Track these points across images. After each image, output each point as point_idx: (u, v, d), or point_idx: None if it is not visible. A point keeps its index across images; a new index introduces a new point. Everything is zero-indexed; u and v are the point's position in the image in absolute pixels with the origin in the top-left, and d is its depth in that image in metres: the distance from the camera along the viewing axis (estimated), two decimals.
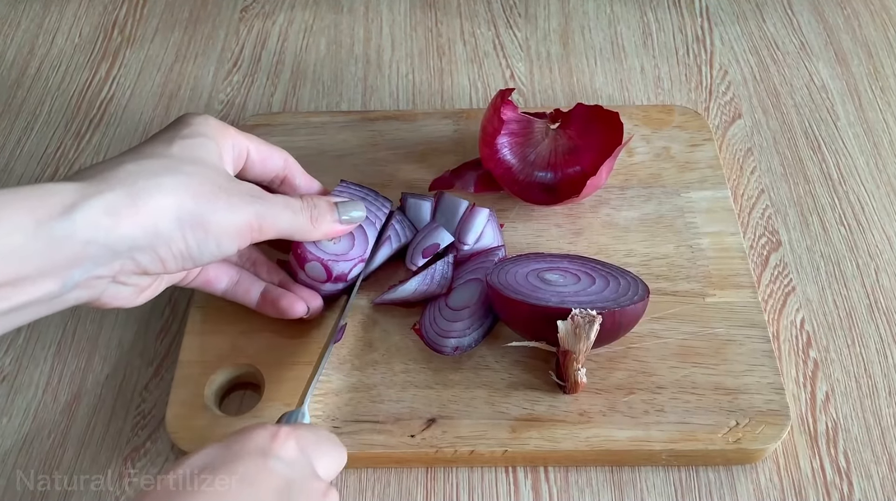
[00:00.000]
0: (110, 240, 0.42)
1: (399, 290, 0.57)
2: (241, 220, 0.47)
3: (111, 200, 0.43)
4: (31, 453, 0.55)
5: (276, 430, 0.42)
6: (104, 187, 0.43)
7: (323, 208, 0.53)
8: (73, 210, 0.41)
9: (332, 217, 0.53)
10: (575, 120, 0.64)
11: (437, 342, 0.55)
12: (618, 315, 0.51)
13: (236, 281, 0.56)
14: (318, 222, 0.52)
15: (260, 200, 0.49)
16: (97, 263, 0.43)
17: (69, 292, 0.43)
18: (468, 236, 0.59)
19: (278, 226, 0.50)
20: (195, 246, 0.46)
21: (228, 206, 0.47)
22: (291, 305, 0.55)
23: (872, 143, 0.71)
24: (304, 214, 0.51)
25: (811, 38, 0.79)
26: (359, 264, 0.57)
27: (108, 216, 0.42)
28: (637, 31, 0.80)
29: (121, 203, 0.43)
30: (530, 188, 0.64)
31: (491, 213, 0.60)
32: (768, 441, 0.52)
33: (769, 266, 0.63)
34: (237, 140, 0.51)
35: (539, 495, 0.53)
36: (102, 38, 0.81)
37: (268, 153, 0.54)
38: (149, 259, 0.45)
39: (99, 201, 0.42)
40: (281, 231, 0.50)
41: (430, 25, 0.82)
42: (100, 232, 0.42)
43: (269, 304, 0.55)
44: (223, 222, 0.46)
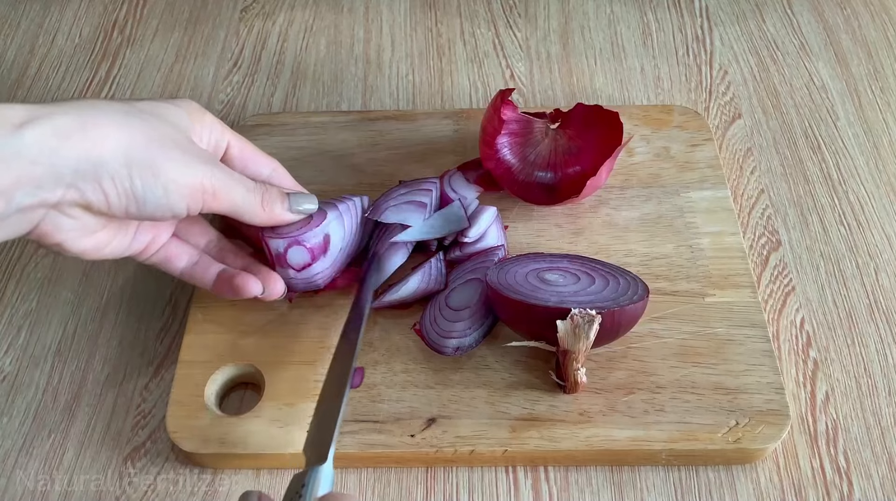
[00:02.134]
0: (55, 162, 0.42)
1: (400, 291, 0.57)
2: (193, 178, 0.47)
3: (61, 122, 0.42)
4: (31, 453, 0.55)
5: None
6: (56, 111, 0.43)
7: (274, 194, 0.53)
8: (21, 128, 0.41)
9: (282, 204, 0.53)
10: (575, 120, 0.64)
11: (437, 342, 0.55)
12: (617, 314, 0.51)
13: (195, 261, 0.55)
14: (268, 205, 0.52)
15: (217, 167, 0.49)
16: (40, 186, 0.42)
17: (10, 215, 0.42)
18: (470, 230, 0.59)
19: (231, 197, 0.49)
20: (140, 187, 0.45)
21: (182, 160, 0.46)
22: (245, 283, 0.54)
23: (872, 143, 0.71)
24: (255, 194, 0.51)
25: (811, 38, 0.79)
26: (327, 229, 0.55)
27: (56, 138, 0.42)
28: (637, 31, 0.80)
29: (70, 126, 0.43)
30: (530, 188, 0.64)
31: (497, 215, 0.60)
32: (768, 440, 0.52)
33: (769, 266, 0.63)
34: (216, 128, 0.51)
35: (539, 495, 0.53)
36: (102, 38, 0.81)
37: (253, 157, 0.54)
38: (91, 189, 0.44)
39: (48, 122, 0.42)
40: (233, 203, 0.50)
41: (430, 25, 0.82)
42: (45, 152, 0.42)
43: (225, 284, 0.54)
44: (174, 173, 0.46)
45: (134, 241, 0.51)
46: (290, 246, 0.55)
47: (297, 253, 0.55)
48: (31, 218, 0.44)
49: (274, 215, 0.53)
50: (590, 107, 0.64)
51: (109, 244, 0.50)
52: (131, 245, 0.51)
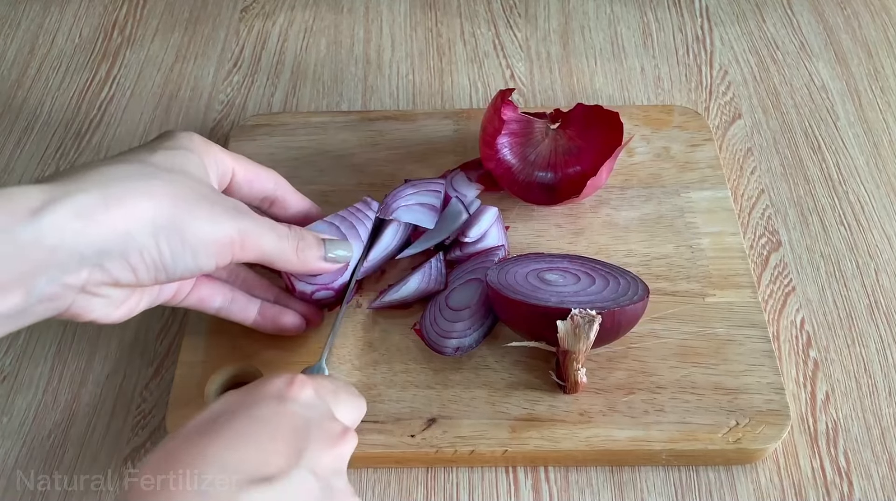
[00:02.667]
0: (79, 244, 0.40)
1: (400, 291, 0.57)
2: (222, 234, 0.45)
3: (82, 202, 0.40)
4: (31, 453, 0.55)
5: (293, 377, 0.43)
6: (74, 188, 0.40)
7: (310, 241, 0.51)
8: (39, 213, 0.39)
9: (317, 252, 0.52)
10: (575, 120, 0.64)
11: (438, 343, 0.55)
12: (617, 314, 0.51)
13: (230, 299, 0.54)
14: (303, 253, 0.51)
15: (245, 216, 0.47)
16: (64, 270, 0.40)
17: (35, 305, 0.40)
18: (472, 230, 0.59)
19: (262, 246, 0.48)
20: (169, 256, 0.43)
21: (210, 217, 0.45)
22: (293, 321, 0.55)
23: (872, 143, 0.71)
24: (290, 241, 0.50)
25: (811, 38, 0.79)
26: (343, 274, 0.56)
27: (78, 219, 0.40)
28: (637, 31, 0.80)
29: (93, 205, 0.40)
30: (530, 188, 0.64)
31: (499, 215, 0.60)
32: (768, 441, 0.52)
33: (769, 266, 0.63)
34: (221, 158, 0.50)
35: (539, 495, 0.53)
36: (102, 38, 0.81)
37: (255, 174, 0.52)
38: (119, 267, 0.42)
39: (69, 203, 0.40)
40: (263, 253, 0.48)
41: (430, 25, 0.82)
42: (67, 235, 0.40)
43: (269, 321, 0.55)
44: (201, 233, 0.44)
45: (161, 293, 0.50)
46: (319, 291, 0.56)
47: (324, 294, 0.56)
48: (58, 305, 0.42)
49: (308, 263, 0.51)
50: (590, 107, 0.64)
51: (139, 305, 0.48)
52: (158, 297, 0.50)
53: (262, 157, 0.66)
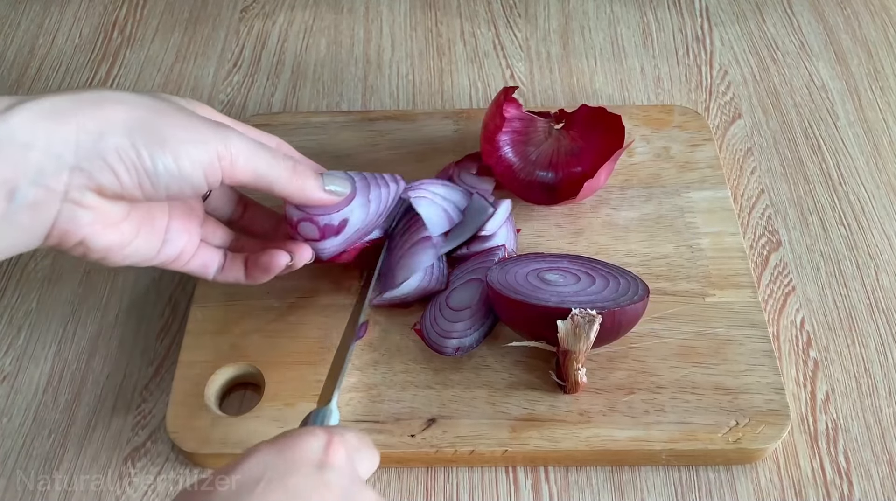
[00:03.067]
0: (52, 143, 0.39)
1: (400, 289, 0.57)
2: (205, 145, 0.44)
3: (52, 102, 0.40)
4: (31, 453, 0.55)
5: (329, 438, 0.41)
6: (46, 96, 0.41)
7: (305, 167, 0.50)
8: (8, 112, 0.39)
9: (316, 181, 0.50)
10: (578, 121, 0.65)
11: (438, 343, 0.55)
12: (618, 314, 0.51)
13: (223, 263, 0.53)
14: (300, 178, 0.49)
15: (231, 131, 0.45)
16: (42, 172, 0.40)
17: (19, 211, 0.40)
18: (489, 224, 0.59)
19: (255, 164, 0.46)
20: (148, 158, 0.42)
21: (189, 125, 0.43)
22: (273, 258, 0.52)
23: (872, 143, 0.71)
24: (285, 163, 0.48)
25: (811, 38, 0.79)
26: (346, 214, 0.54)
27: (48, 119, 0.40)
28: (637, 31, 0.80)
29: (63, 106, 0.40)
30: (531, 187, 0.64)
31: (511, 215, 0.61)
32: (768, 440, 0.52)
33: (769, 266, 0.63)
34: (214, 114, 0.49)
35: (539, 495, 0.53)
36: (102, 38, 0.81)
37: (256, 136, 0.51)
38: (98, 168, 0.41)
39: (38, 104, 0.40)
40: (258, 174, 0.46)
41: (430, 25, 0.82)
42: (39, 134, 0.39)
43: (255, 267, 0.53)
44: (182, 139, 0.43)
45: (166, 245, 0.49)
46: (303, 219, 0.53)
47: (308, 227, 0.53)
48: (44, 216, 0.41)
49: (306, 189, 0.49)
50: (593, 108, 0.64)
51: (135, 240, 0.46)
52: (163, 249, 0.49)
53: None
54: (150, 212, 0.48)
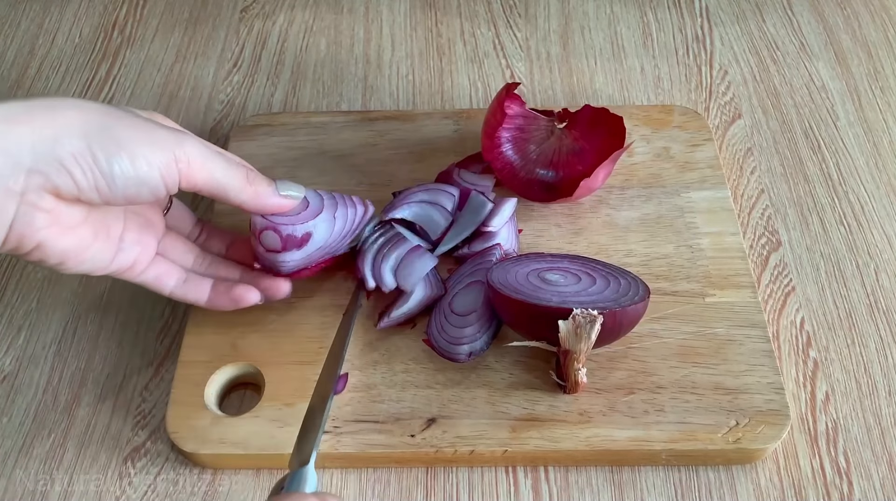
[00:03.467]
0: (8, 145, 0.40)
1: (408, 304, 0.57)
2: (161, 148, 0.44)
3: (6, 108, 0.41)
4: (31, 453, 0.55)
5: None
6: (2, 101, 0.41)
7: (258, 175, 0.50)
8: None
9: (269, 187, 0.51)
10: (581, 121, 0.65)
11: (449, 350, 0.55)
12: (618, 315, 0.51)
13: (185, 278, 0.54)
14: (255, 184, 0.50)
15: (187, 136, 0.46)
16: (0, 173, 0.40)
17: None
18: (493, 220, 0.59)
19: (210, 168, 0.47)
20: (104, 161, 0.42)
21: (145, 129, 0.44)
22: (243, 293, 0.54)
23: (872, 143, 0.71)
24: (239, 170, 0.49)
25: (811, 38, 0.79)
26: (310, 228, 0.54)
27: (3, 122, 0.40)
28: (637, 31, 0.80)
29: (17, 111, 0.41)
30: (530, 185, 0.64)
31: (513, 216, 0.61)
32: (768, 440, 0.52)
33: (769, 266, 0.63)
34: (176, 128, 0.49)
35: (539, 495, 0.53)
36: (102, 38, 0.81)
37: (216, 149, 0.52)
38: (55, 170, 0.41)
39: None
40: (214, 178, 0.47)
41: (430, 25, 0.82)
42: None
43: (221, 296, 0.54)
44: (138, 141, 0.43)
45: (120, 253, 0.50)
46: (267, 228, 0.53)
47: (270, 237, 0.54)
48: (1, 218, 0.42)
49: (259, 194, 0.50)
50: (596, 109, 0.64)
51: (92, 246, 0.47)
52: (117, 257, 0.50)
53: (262, 157, 0.67)
54: (106, 220, 0.49)
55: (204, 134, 0.73)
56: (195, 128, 0.73)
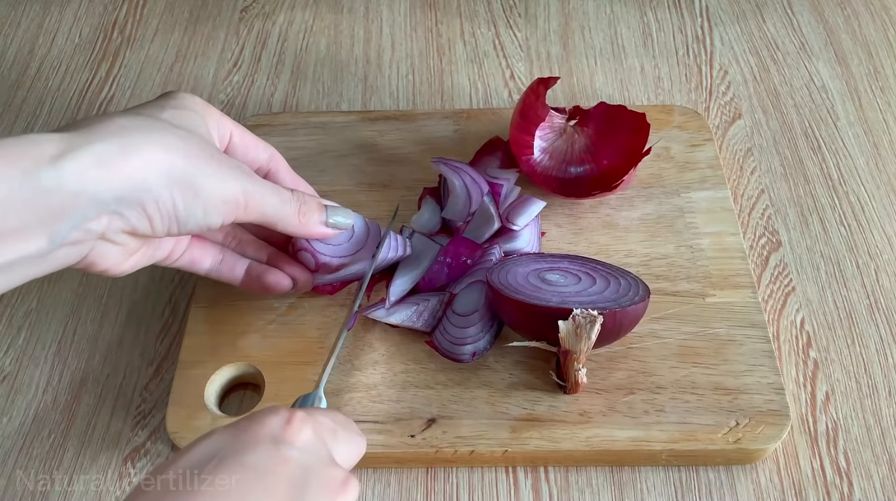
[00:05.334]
0: (99, 191, 0.41)
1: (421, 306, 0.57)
2: (229, 191, 0.46)
3: (101, 150, 0.41)
4: (31, 453, 0.55)
5: (290, 415, 0.40)
6: (94, 138, 0.42)
7: (312, 205, 0.52)
8: (61, 159, 0.40)
9: (319, 216, 0.52)
10: (595, 118, 0.65)
11: (453, 351, 0.55)
12: (619, 315, 0.51)
13: (220, 259, 0.55)
14: (305, 217, 0.51)
15: (250, 177, 0.48)
16: (85, 216, 0.41)
17: (58, 249, 0.41)
18: (519, 219, 0.59)
19: (264, 208, 0.49)
20: (182, 208, 0.44)
21: (218, 173, 0.46)
22: (278, 281, 0.55)
23: (872, 143, 0.71)
24: (292, 205, 0.50)
25: (811, 38, 0.79)
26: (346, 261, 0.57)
27: (98, 167, 0.41)
28: (637, 31, 0.80)
29: (111, 154, 0.41)
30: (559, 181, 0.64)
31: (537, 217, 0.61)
32: (768, 441, 0.52)
33: (769, 266, 0.63)
34: (222, 121, 0.51)
35: (539, 495, 0.53)
36: (102, 38, 0.81)
37: (252, 142, 0.53)
38: (136, 215, 0.43)
39: (88, 151, 0.41)
40: (266, 214, 0.49)
41: (430, 25, 0.82)
42: (88, 182, 0.41)
43: (255, 280, 0.55)
44: (212, 188, 0.45)
45: (157, 250, 0.51)
46: (303, 250, 0.56)
47: (306, 257, 0.56)
48: (80, 250, 0.43)
49: (309, 226, 0.52)
50: (613, 106, 0.64)
51: (142, 259, 0.49)
52: (154, 254, 0.51)
53: None
54: None
55: None
56: None
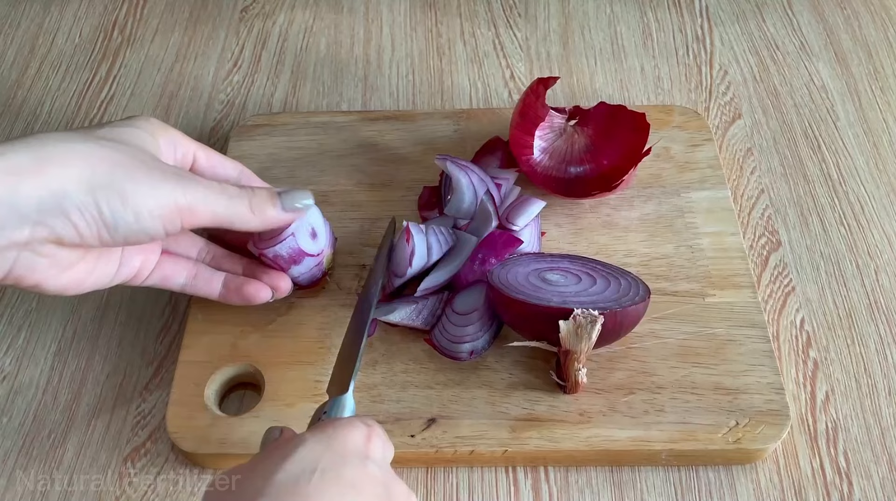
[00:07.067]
0: (15, 201, 0.40)
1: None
2: (164, 198, 0.45)
3: (14, 160, 0.41)
4: (31, 453, 0.55)
5: (369, 431, 0.42)
6: (6, 150, 0.41)
7: (263, 196, 0.50)
8: None
9: (273, 206, 0.50)
10: (595, 118, 0.65)
11: (451, 349, 0.55)
12: (619, 315, 0.51)
13: (194, 274, 0.54)
14: (259, 209, 0.50)
15: (189, 180, 0.46)
16: (4, 226, 0.41)
17: None
18: (519, 219, 0.59)
19: (213, 209, 0.47)
20: (109, 213, 0.43)
21: (149, 180, 0.44)
22: (257, 292, 0.54)
23: (872, 143, 0.71)
24: (241, 200, 0.49)
25: (811, 38, 0.79)
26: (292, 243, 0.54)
27: (10, 175, 0.40)
28: (637, 31, 0.80)
29: (24, 162, 0.41)
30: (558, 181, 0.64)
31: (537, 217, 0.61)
32: (768, 441, 0.52)
33: (769, 266, 0.63)
34: (180, 141, 0.50)
35: (539, 495, 0.53)
36: (102, 38, 0.81)
37: (219, 162, 0.52)
38: (61, 224, 0.42)
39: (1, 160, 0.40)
40: (217, 216, 0.48)
41: (430, 25, 0.82)
42: (2, 193, 0.40)
43: (233, 293, 0.55)
44: (141, 194, 0.44)
45: (122, 267, 0.50)
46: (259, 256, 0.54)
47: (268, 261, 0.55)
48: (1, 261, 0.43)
49: (267, 218, 0.50)
50: (613, 106, 0.64)
51: (91, 275, 0.48)
52: (119, 271, 0.50)
53: (262, 157, 0.67)
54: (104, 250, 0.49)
55: (204, 133, 0.73)
56: (195, 128, 0.73)
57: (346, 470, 0.39)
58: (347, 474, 0.39)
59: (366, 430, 0.42)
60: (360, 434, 0.42)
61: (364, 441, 0.41)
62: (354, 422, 0.42)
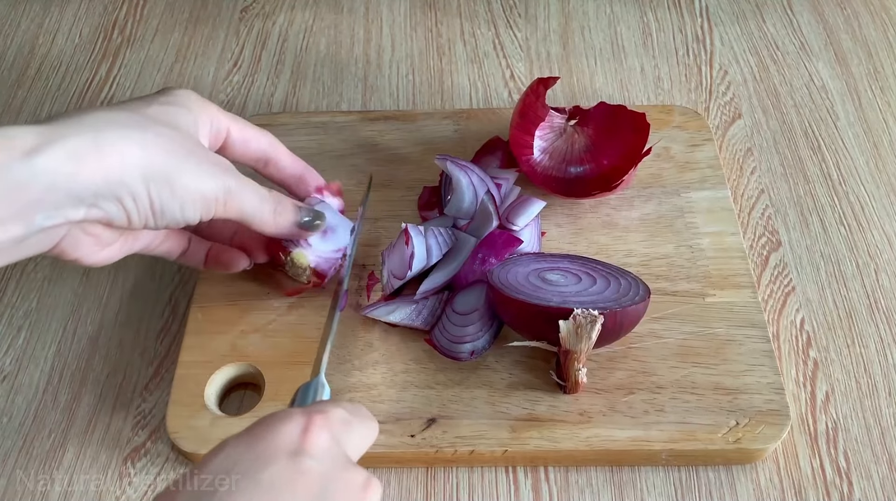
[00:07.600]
0: (72, 187, 0.41)
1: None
2: (208, 189, 0.47)
3: (75, 145, 0.41)
4: (31, 453, 0.55)
5: (307, 422, 0.39)
6: (68, 132, 0.41)
7: (287, 205, 0.53)
8: (33, 154, 0.40)
9: (293, 217, 0.53)
10: (595, 118, 0.65)
11: (451, 349, 0.55)
12: (619, 315, 0.51)
13: (188, 246, 0.56)
14: (279, 217, 0.52)
15: (230, 175, 0.48)
16: (60, 208, 0.41)
17: (33, 236, 0.42)
18: (519, 219, 0.59)
19: (243, 206, 0.49)
20: (159, 205, 0.45)
21: (197, 171, 0.46)
22: (232, 259, 0.56)
23: (872, 143, 0.71)
24: (268, 204, 0.51)
25: (811, 38, 0.79)
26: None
27: (71, 162, 0.41)
28: (637, 31, 0.80)
29: (85, 149, 0.41)
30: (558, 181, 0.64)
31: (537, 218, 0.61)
32: (768, 441, 0.52)
33: (769, 266, 0.63)
34: (217, 117, 0.51)
35: (539, 495, 0.53)
36: (102, 38, 0.81)
37: (251, 134, 0.54)
38: (115, 209, 0.43)
39: (62, 146, 0.41)
40: (244, 212, 0.50)
41: (430, 25, 0.82)
42: (60, 177, 0.41)
43: (212, 260, 0.57)
44: (190, 185, 0.46)
45: (135, 243, 0.52)
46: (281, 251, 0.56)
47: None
48: (53, 236, 0.45)
49: (281, 226, 0.52)
50: (613, 106, 0.64)
51: (120, 251, 0.51)
52: (133, 246, 0.52)
53: None
54: None
55: None
56: None
57: (265, 473, 0.36)
58: (266, 477, 0.36)
59: (303, 422, 0.39)
60: (294, 428, 0.38)
61: (299, 435, 0.38)
62: (291, 414, 0.39)
